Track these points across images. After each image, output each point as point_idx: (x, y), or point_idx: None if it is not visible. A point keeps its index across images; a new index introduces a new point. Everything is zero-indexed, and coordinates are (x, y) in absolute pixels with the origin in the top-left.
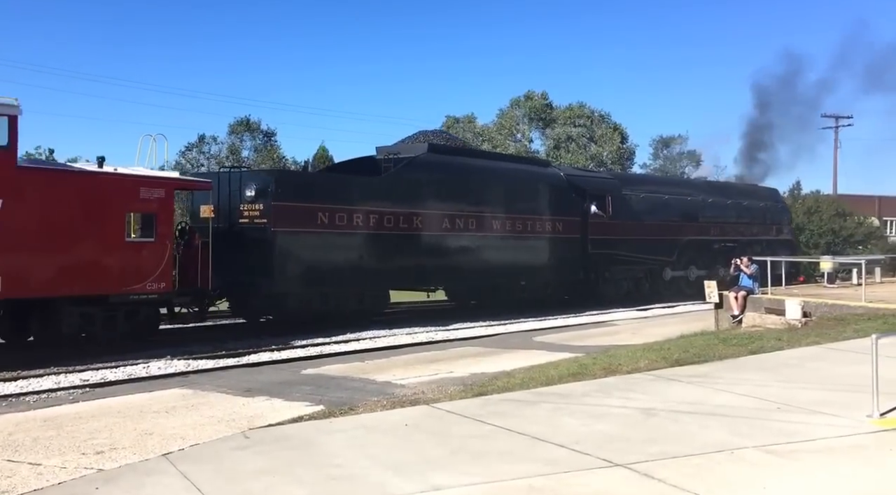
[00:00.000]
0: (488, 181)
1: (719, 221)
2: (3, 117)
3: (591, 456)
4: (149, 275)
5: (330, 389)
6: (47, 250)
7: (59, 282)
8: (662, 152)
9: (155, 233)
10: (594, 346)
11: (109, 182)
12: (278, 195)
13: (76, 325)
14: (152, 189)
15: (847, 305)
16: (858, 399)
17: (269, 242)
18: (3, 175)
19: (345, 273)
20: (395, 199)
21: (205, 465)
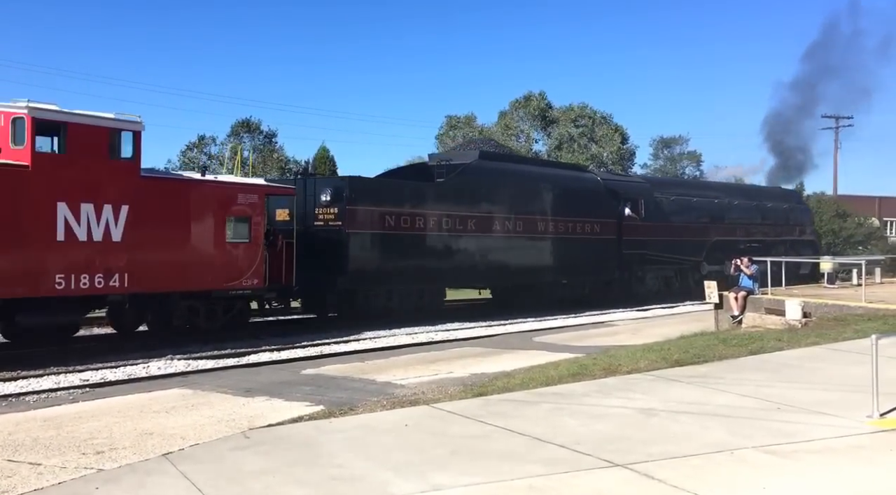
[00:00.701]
0: (534, 186)
1: (745, 222)
2: (129, 132)
3: (592, 456)
4: (245, 273)
5: (330, 389)
6: (164, 250)
7: (173, 278)
8: (663, 153)
9: (250, 234)
10: (594, 347)
11: (213, 189)
12: (351, 199)
13: (184, 317)
14: (247, 195)
15: (847, 306)
16: (858, 399)
17: (343, 243)
18: (129, 184)
19: (407, 271)
20: (451, 203)
21: (205, 465)
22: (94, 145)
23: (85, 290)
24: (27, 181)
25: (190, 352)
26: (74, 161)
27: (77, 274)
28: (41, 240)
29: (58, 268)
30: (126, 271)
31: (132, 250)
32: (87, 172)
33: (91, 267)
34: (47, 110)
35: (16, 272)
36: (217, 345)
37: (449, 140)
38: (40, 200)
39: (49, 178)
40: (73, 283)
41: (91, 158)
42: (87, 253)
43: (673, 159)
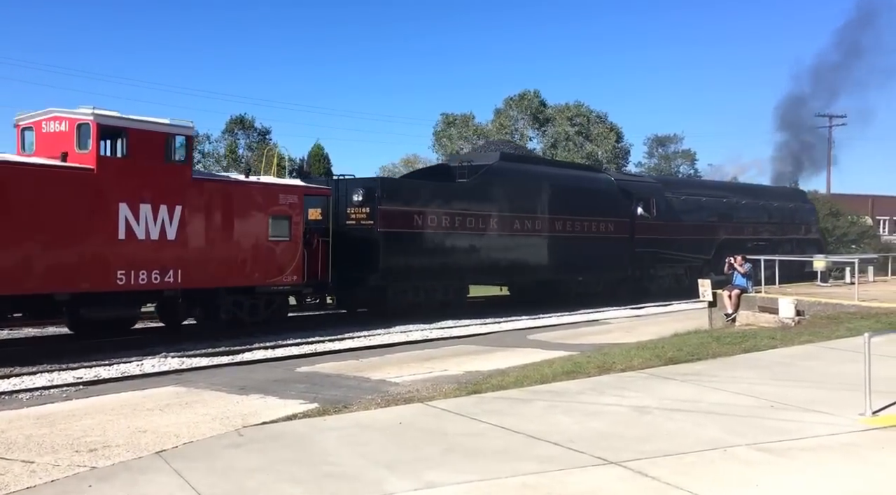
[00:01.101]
0: (552, 187)
1: (752, 221)
2: (182, 136)
3: (586, 453)
4: (285, 270)
5: (324, 387)
6: (212, 248)
7: (221, 275)
8: (657, 151)
9: (290, 233)
10: (588, 344)
11: (256, 189)
12: (383, 199)
13: (230, 312)
14: (288, 195)
15: (840, 304)
16: (851, 397)
17: (376, 241)
18: (182, 185)
19: (433, 268)
20: (475, 203)
21: (199, 463)
22: (151, 149)
23: (143, 286)
24: (92, 183)
25: (184, 350)
26: (134, 164)
27: (136, 270)
28: (104, 238)
29: (119, 264)
30: (179, 268)
31: (185, 248)
32: (145, 175)
33: (148, 264)
34: (110, 116)
35: (81, 268)
36: (211, 343)
37: (445, 138)
38: (104, 201)
39: (112, 180)
40: (133, 279)
41: (149, 161)
42: (144, 250)
43: (667, 158)
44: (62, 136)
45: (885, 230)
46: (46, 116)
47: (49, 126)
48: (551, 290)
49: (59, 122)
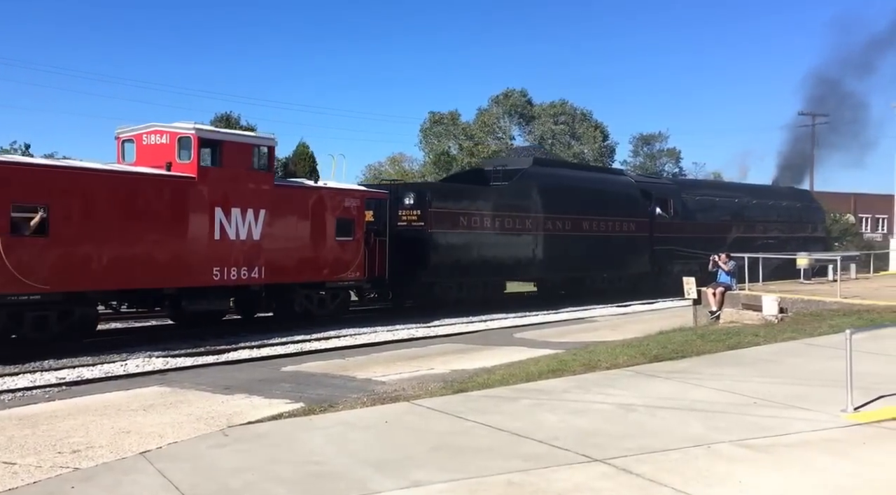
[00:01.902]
0: (580, 189)
1: (762, 220)
2: (266, 147)
3: (571, 451)
4: (349, 267)
5: (310, 386)
6: (290, 247)
7: (296, 271)
8: (642, 149)
9: (353, 233)
10: (574, 343)
11: (326, 194)
12: (433, 203)
13: (303, 305)
14: (351, 199)
15: (823, 301)
16: (833, 393)
17: (426, 241)
18: (265, 191)
19: (475, 266)
20: (512, 205)
21: (183, 463)
22: (240, 159)
23: (234, 281)
24: (193, 189)
25: (168, 350)
26: (227, 172)
27: (228, 267)
28: (202, 239)
29: (214, 262)
30: (263, 265)
31: (267, 248)
32: (235, 182)
33: (238, 261)
34: (208, 130)
35: (183, 266)
36: (196, 342)
37: (433, 136)
38: (202, 205)
39: (209, 187)
40: (225, 275)
41: (239, 170)
42: (235, 250)
43: (652, 156)
44: (163, 148)
45: (866, 228)
46: (147, 130)
47: (150, 138)
48: (578, 286)
49: (160, 135)
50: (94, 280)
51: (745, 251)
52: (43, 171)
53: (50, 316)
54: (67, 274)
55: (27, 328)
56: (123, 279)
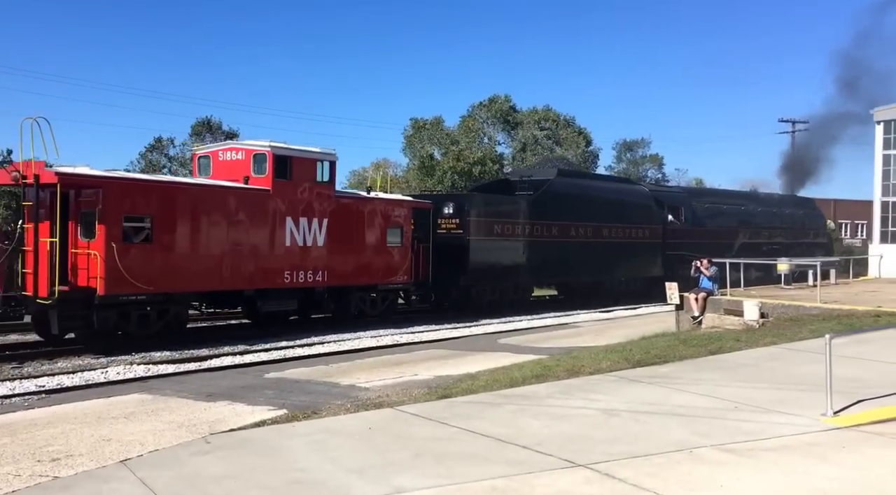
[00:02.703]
0: (600, 198)
1: (767, 227)
2: (328, 162)
3: (554, 456)
4: (398, 271)
5: (293, 393)
6: (349, 253)
7: (353, 275)
8: (626, 155)
9: (402, 240)
10: (558, 348)
11: (379, 204)
12: (471, 212)
13: (358, 306)
14: (401, 209)
15: (803, 306)
16: (813, 398)
17: (465, 247)
18: (328, 202)
19: (506, 271)
20: (540, 214)
21: (164, 471)
22: (307, 172)
23: (301, 284)
24: (268, 201)
25: (150, 357)
26: (296, 185)
27: (297, 271)
28: (276, 245)
29: (285, 267)
30: (325, 269)
31: (329, 254)
32: (302, 193)
33: (305, 266)
34: (281, 147)
35: (259, 270)
36: (178, 349)
37: (416, 141)
38: (276, 215)
39: (281, 199)
40: (295, 278)
41: (306, 183)
42: (303, 256)
43: (635, 162)
44: (238, 164)
45: (846, 233)
46: (223, 147)
47: (225, 155)
48: (598, 290)
49: (236, 152)
50: (189, 282)
51: (752, 256)
52: (148, 186)
53: (151, 314)
54: (167, 276)
55: (132, 324)
56: (212, 281)
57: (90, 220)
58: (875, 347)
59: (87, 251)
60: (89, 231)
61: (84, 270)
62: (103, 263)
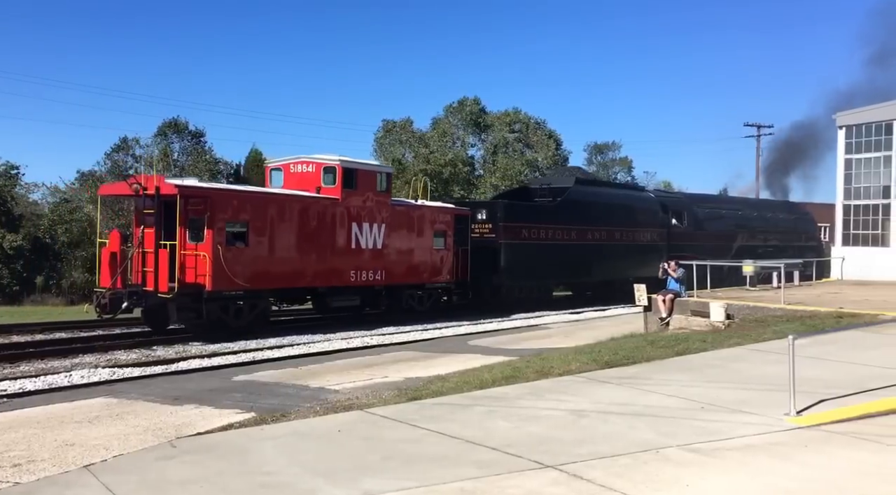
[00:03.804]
0: (613, 204)
1: (762, 230)
2: (385, 174)
3: (523, 458)
4: (442, 271)
5: (262, 396)
6: (402, 255)
7: (405, 274)
8: (596, 158)
9: (445, 244)
10: (528, 349)
11: (426, 211)
12: (502, 218)
13: (408, 303)
14: (445, 215)
15: (767, 307)
16: (777, 397)
17: (497, 250)
18: (385, 209)
19: (531, 271)
20: (561, 219)
21: (128, 476)
22: (369, 183)
23: (364, 282)
24: (337, 209)
25: (116, 360)
26: (360, 195)
27: (360, 271)
28: (344, 248)
29: (351, 267)
30: (383, 269)
31: (386, 255)
32: (366, 202)
33: (367, 266)
34: (348, 161)
35: (329, 269)
36: (144, 352)
37: (386, 144)
38: (344, 221)
39: (348, 207)
40: (358, 277)
41: (368, 192)
42: (365, 257)
43: (605, 165)
44: (308, 176)
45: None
46: (295, 160)
47: (297, 168)
48: (608, 289)
49: (307, 165)
50: (275, 280)
51: (749, 257)
52: (245, 196)
53: (244, 307)
54: (258, 275)
55: (230, 316)
56: (293, 279)
57: (198, 226)
58: (837, 348)
59: (196, 252)
60: (198, 235)
61: (192, 269)
62: (211, 263)
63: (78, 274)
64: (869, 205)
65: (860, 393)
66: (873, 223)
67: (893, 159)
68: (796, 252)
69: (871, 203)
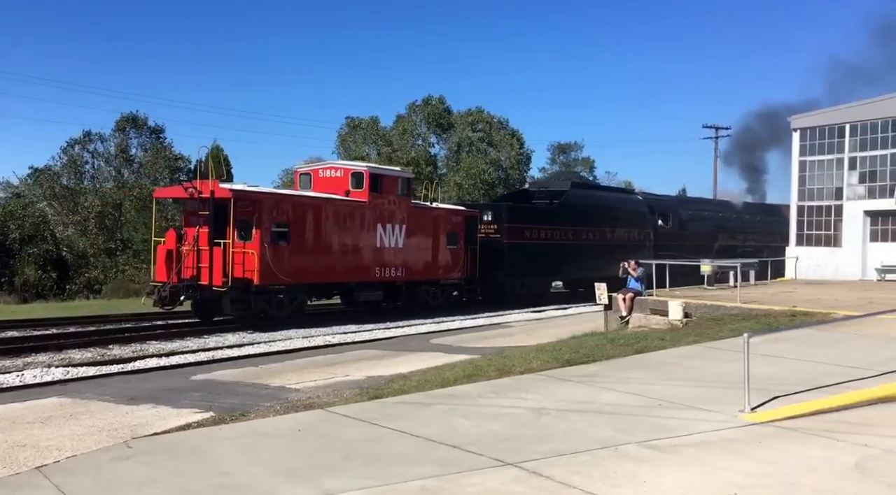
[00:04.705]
0: (605, 206)
1: (741, 231)
2: (406, 179)
3: (484, 456)
4: (455, 269)
5: (221, 395)
6: (420, 253)
7: (423, 271)
8: (559, 158)
9: (457, 243)
10: (490, 348)
11: (441, 213)
12: (506, 219)
13: (424, 298)
14: (457, 216)
15: (724, 306)
16: (732, 395)
17: (502, 249)
18: (405, 211)
19: (531, 269)
20: (559, 220)
21: (82, 477)
22: (391, 188)
23: (386, 278)
24: (365, 211)
25: (70, 359)
26: (384, 198)
27: (383, 268)
28: (369, 246)
29: (375, 264)
30: (403, 267)
31: (406, 253)
32: (388, 205)
33: (389, 264)
34: (375, 167)
35: (357, 266)
36: (100, 351)
37: (350, 141)
38: (370, 222)
39: (374, 209)
40: (382, 274)
41: (390, 196)
42: (387, 255)
43: (568, 165)
44: (336, 180)
45: None
46: (323, 166)
47: (325, 173)
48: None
49: (335, 171)
50: (311, 275)
51: (729, 257)
52: (287, 199)
53: (285, 300)
54: (297, 271)
55: (273, 308)
56: (327, 275)
57: (247, 226)
58: (790, 345)
59: (244, 250)
60: (246, 234)
61: (240, 265)
62: (258, 260)
63: (31, 271)
64: (822, 206)
65: (812, 390)
66: (826, 224)
67: (846, 162)
68: (772, 252)
69: (825, 204)
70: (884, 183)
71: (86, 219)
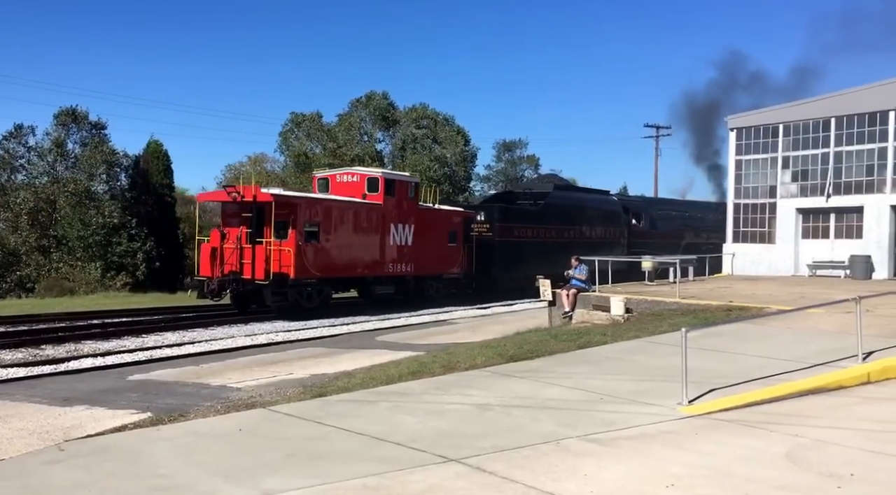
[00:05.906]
0: (584, 207)
1: (706, 229)
2: (414, 183)
3: (427, 452)
4: (455, 264)
5: (159, 395)
6: (426, 250)
7: (429, 267)
8: (504, 155)
9: (458, 241)
10: (435, 344)
11: (443, 213)
12: (498, 219)
13: (428, 291)
14: (457, 217)
15: (664, 302)
16: (671, 388)
17: (494, 247)
18: (413, 212)
19: (519, 265)
20: (544, 220)
21: (10, 482)
22: (403, 191)
23: (398, 273)
24: (380, 212)
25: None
26: (396, 201)
27: (395, 263)
28: (384, 244)
29: (388, 260)
30: (412, 263)
31: (414, 250)
32: (400, 206)
33: (400, 260)
34: (389, 172)
35: (372, 262)
36: (31, 351)
37: (293, 138)
38: (385, 222)
39: (388, 210)
40: (394, 269)
41: (401, 199)
42: (398, 252)
43: (513, 162)
44: (353, 185)
45: None
46: (341, 172)
47: (342, 178)
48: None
49: (352, 176)
50: (336, 270)
51: (695, 253)
52: (318, 202)
53: (313, 293)
54: (326, 266)
55: (304, 300)
56: (349, 270)
57: (284, 226)
58: (726, 340)
59: (281, 247)
60: (283, 233)
61: (277, 261)
62: (294, 257)
63: None
64: (757, 203)
65: (746, 383)
66: (761, 221)
67: (779, 161)
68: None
69: (760, 202)
70: (815, 181)
71: (17, 215)
